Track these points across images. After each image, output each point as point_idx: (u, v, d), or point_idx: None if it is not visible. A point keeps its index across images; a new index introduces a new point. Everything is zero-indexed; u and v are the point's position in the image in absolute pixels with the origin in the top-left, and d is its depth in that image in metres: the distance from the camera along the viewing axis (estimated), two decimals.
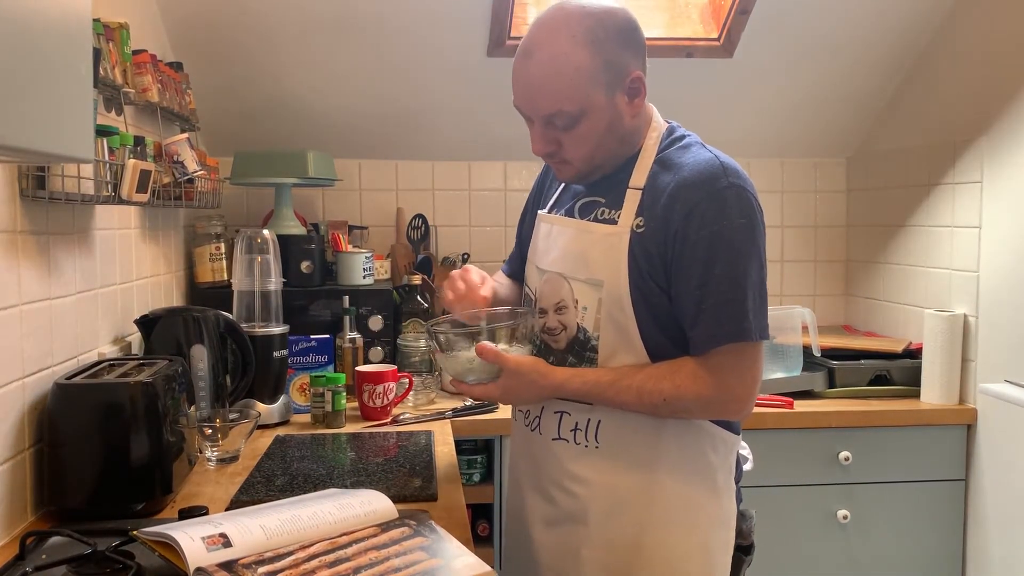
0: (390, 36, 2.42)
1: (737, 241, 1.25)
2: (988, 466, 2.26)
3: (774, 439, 2.27)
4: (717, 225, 1.25)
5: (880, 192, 2.80)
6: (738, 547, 1.43)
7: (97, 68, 1.51)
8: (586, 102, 1.27)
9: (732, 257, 1.25)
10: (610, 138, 1.32)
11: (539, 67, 1.28)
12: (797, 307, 2.45)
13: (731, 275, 1.25)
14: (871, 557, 2.32)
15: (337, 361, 2.26)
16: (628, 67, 1.29)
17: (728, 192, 1.26)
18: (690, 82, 2.63)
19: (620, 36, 1.28)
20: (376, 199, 2.86)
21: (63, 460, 1.36)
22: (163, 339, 1.79)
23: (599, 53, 1.26)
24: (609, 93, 1.28)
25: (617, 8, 1.31)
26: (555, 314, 1.39)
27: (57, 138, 0.98)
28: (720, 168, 1.28)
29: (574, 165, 1.35)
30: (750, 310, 1.26)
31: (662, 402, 1.29)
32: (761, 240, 1.29)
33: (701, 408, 1.32)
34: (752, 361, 1.31)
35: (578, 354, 1.37)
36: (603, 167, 1.37)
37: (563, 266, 1.38)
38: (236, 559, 1.05)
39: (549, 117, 1.30)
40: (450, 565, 1.08)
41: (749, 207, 1.27)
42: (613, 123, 1.31)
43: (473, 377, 1.38)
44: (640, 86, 1.31)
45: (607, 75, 1.27)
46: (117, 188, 1.57)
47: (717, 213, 1.25)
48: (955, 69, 2.43)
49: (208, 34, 2.37)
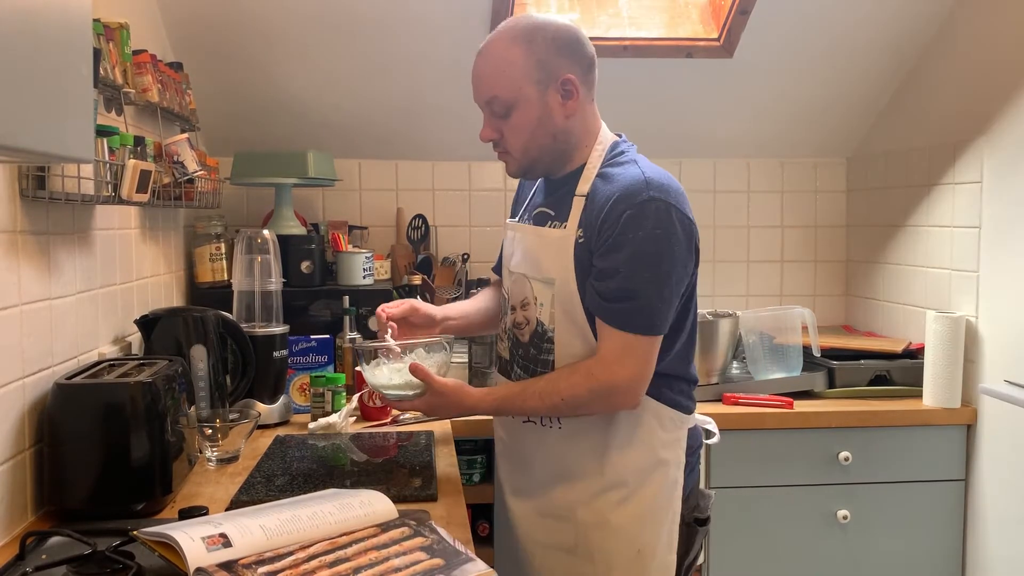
0: (390, 36, 2.42)
1: (648, 248, 1.40)
2: (988, 466, 2.26)
3: (774, 439, 2.27)
4: (632, 233, 1.40)
5: (880, 192, 2.80)
6: (696, 520, 1.58)
7: (97, 68, 1.51)
8: (518, 92, 1.46)
9: (639, 262, 1.40)
10: (542, 132, 1.49)
11: (483, 59, 1.51)
12: (797, 307, 2.45)
13: (635, 276, 1.41)
14: (871, 557, 2.32)
15: (337, 361, 2.26)
16: (560, 69, 1.47)
17: (647, 205, 1.40)
18: (690, 82, 2.63)
19: (556, 43, 1.47)
20: (376, 199, 2.86)
21: (63, 460, 1.36)
22: (163, 339, 1.79)
23: (533, 53, 1.46)
24: (541, 88, 1.47)
25: (563, 23, 1.51)
26: (521, 310, 1.58)
27: (57, 138, 0.98)
28: (643, 183, 1.42)
29: (514, 156, 1.53)
30: (644, 308, 1.41)
31: (560, 401, 1.46)
32: (675, 248, 1.42)
33: (593, 399, 1.45)
34: (641, 355, 1.44)
35: (538, 345, 1.54)
36: (541, 162, 1.53)
37: (525, 267, 1.57)
38: (236, 559, 1.05)
39: (488, 102, 1.50)
40: (450, 565, 1.08)
41: (666, 219, 1.41)
42: (543, 118, 1.48)
43: (393, 393, 1.57)
44: (573, 89, 1.48)
45: (539, 72, 1.46)
46: (117, 188, 1.57)
47: (634, 224, 1.40)
48: (955, 69, 2.43)
49: (208, 34, 2.37)
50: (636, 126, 2.81)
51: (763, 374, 2.39)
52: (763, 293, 3.00)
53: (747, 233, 3.00)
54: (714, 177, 2.97)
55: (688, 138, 2.85)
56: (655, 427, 1.51)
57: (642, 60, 2.54)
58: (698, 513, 1.58)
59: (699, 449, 1.61)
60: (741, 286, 3.00)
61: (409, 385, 1.55)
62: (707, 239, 2.96)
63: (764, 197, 3.00)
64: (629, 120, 2.84)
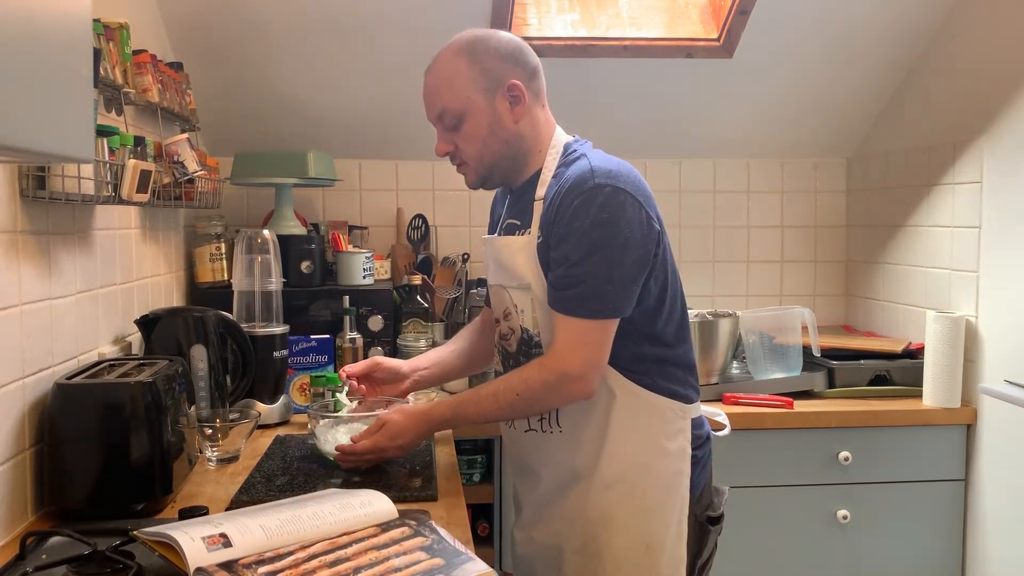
0: (390, 36, 2.42)
1: (594, 234, 1.39)
2: (988, 466, 2.26)
3: (774, 439, 2.27)
4: (579, 221, 1.40)
5: (880, 192, 2.80)
6: (708, 519, 1.56)
7: (97, 68, 1.51)
8: (467, 102, 1.48)
9: (585, 247, 1.39)
10: (494, 139, 1.50)
11: (430, 75, 1.53)
12: (797, 307, 2.45)
13: (583, 262, 1.40)
14: (871, 557, 2.32)
15: (337, 361, 2.26)
16: (505, 76, 1.48)
17: (594, 192, 1.40)
18: (690, 82, 2.63)
19: (499, 52, 1.49)
20: (376, 199, 2.86)
21: (63, 460, 1.36)
22: (163, 339, 1.79)
23: (476, 62, 1.48)
24: (488, 96, 1.48)
25: (504, 34, 1.55)
26: (504, 321, 1.58)
27: (57, 138, 0.98)
28: (589, 172, 1.42)
29: (471, 166, 1.54)
30: (592, 292, 1.40)
31: (515, 397, 1.45)
32: (625, 231, 1.40)
33: (547, 391, 1.44)
34: (593, 341, 1.42)
35: (526, 352, 1.54)
36: (497, 169, 1.54)
37: (500, 278, 1.57)
38: (236, 559, 1.05)
39: (439, 115, 1.51)
40: (450, 565, 1.08)
41: (613, 203, 1.40)
42: (494, 125, 1.49)
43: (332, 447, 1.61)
44: (520, 94, 1.49)
45: (485, 80, 1.48)
46: (117, 188, 1.57)
47: (582, 211, 1.40)
48: (955, 69, 2.43)
49: (208, 34, 2.37)
50: (636, 126, 2.83)
51: (763, 374, 2.39)
52: (763, 293, 3.00)
53: (747, 233, 2.99)
54: (714, 177, 2.97)
55: (688, 138, 2.85)
56: (653, 419, 1.50)
57: (642, 60, 2.54)
58: (711, 511, 1.57)
59: (708, 443, 1.59)
60: (741, 286, 3.00)
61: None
62: (707, 239, 2.98)
63: (764, 197, 2.99)
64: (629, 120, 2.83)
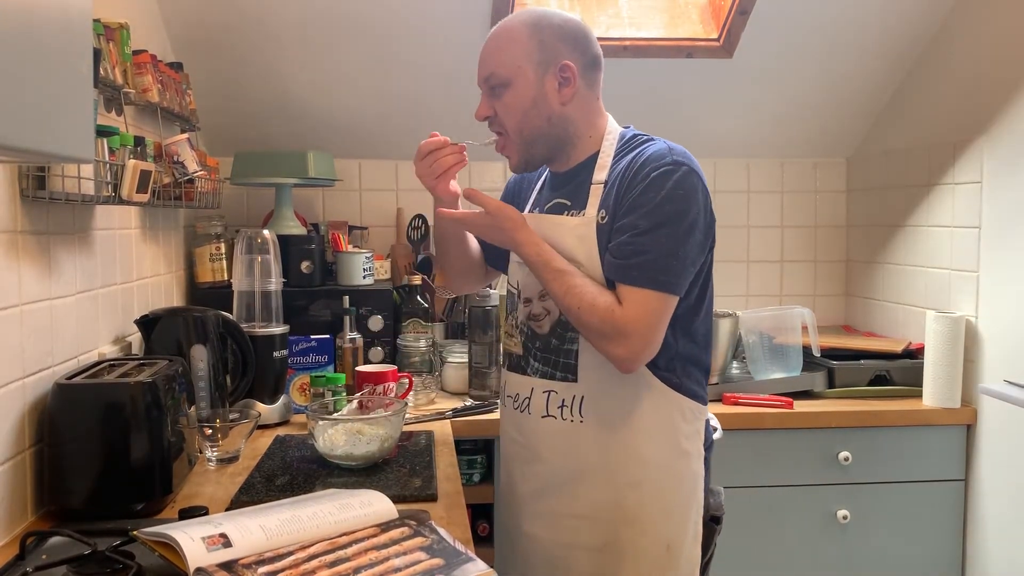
0: (390, 36, 2.42)
1: (668, 207, 1.39)
2: (988, 466, 2.26)
3: (774, 439, 2.27)
4: (653, 192, 1.39)
5: (880, 192, 2.80)
6: (712, 518, 1.57)
7: (97, 68, 1.51)
8: (516, 71, 1.47)
9: (656, 219, 1.39)
10: (536, 114, 1.48)
11: (490, 38, 1.52)
12: (797, 307, 2.45)
13: (651, 232, 1.39)
14: (871, 557, 2.32)
15: (337, 361, 2.26)
16: (561, 54, 1.47)
17: (672, 168, 1.40)
18: (690, 82, 2.63)
19: (561, 31, 1.48)
20: (376, 199, 2.86)
21: (63, 460, 1.36)
22: (163, 339, 1.79)
23: (536, 34, 1.47)
24: (539, 70, 1.47)
25: (571, 16, 1.52)
26: (539, 301, 1.54)
27: (57, 138, 0.98)
28: (667, 150, 1.43)
29: (512, 141, 1.52)
30: (658, 263, 1.38)
31: (577, 307, 1.41)
32: (695, 213, 1.40)
33: (602, 328, 1.40)
34: (654, 312, 1.39)
35: (560, 335, 1.51)
36: (537, 147, 1.52)
37: None
38: (236, 559, 1.05)
39: (487, 78, 1.50)
40: (450, 565, 1.08)
41: (688, 183, 1.40)
42: (538, 100, 1.48)
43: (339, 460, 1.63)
44: (571, 76, 1.48)
45: (539, 54, 1.47)
46: (117, 188, 1.57)
47: (657, 184, 1.39)
48: (955, 69, 2.43)
49: (208, 34, 2.37)
50: (636, 126, 2.82)
51: (763, 374, 2.39)
52: (763, 293, 3.00)
53: (747, 233, 3.00)
54: (714, 177, 2.97)
55: (688, 138, 2.81)
56: (677, 419, 1.49)
57: (642, 60, 2.54)
58: (714, 511, 1.57)
59: (712, 445, 1.59)
60: (741, 286, 3.00)
61: (350, 457, 1.61)
62: None
63: (764, 197, 3.00)
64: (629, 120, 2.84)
